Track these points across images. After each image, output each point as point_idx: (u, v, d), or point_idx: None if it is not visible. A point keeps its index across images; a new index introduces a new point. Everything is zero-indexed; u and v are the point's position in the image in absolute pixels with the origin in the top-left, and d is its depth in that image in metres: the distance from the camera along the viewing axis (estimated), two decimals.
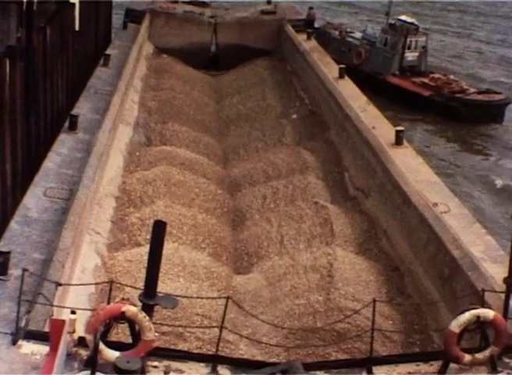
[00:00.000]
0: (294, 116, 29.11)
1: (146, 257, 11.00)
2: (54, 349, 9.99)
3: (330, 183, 22.55)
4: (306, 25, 40.06)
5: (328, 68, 31.27)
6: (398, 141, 21.76)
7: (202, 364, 11.28)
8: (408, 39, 38.73)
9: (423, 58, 39.47)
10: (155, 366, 10.90)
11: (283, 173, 22.71)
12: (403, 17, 40.54)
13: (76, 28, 25.52)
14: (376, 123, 23.67)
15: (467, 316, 11.26)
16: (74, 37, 25.49)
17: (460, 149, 33.58)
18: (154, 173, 21.03)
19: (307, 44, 35.92)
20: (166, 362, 10.98)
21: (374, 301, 11.98)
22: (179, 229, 18.20)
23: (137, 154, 23.14)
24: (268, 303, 15.63)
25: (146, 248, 11.08)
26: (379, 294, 15.89)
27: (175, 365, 11.05)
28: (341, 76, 29.82)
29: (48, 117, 21.61)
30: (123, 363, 8.33)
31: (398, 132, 22.01)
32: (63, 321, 10.26)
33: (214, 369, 11.16)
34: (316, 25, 43.46)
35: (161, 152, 23.18)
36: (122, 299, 10.89)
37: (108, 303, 10.95)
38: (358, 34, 43.02)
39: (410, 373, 11.63)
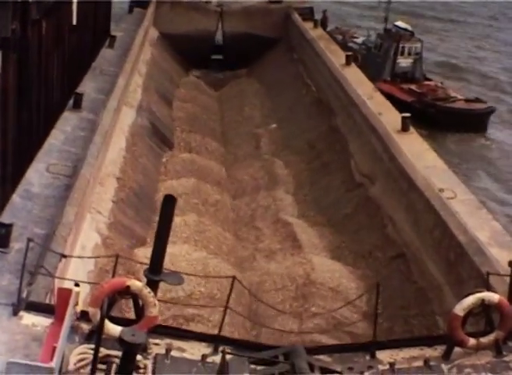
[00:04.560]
0: (274, 126, 29.04)
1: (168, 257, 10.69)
2: (59, 319, 9.68)
3: (300, 198, 22.35)
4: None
5: (335, 55, 31.18)
6: (404, 128, 21.63)
7: (204, 344, 11.07)
8: (401, 45, 38.29)
9: (417, 64, 38.87)
10: (157, 344, 10.70)
11: (248, 191, 22.68)
12: (398, 23, 40.23)
13: (74, 22, 25.27)
14: (382, 110, 23.55)
15: (471, 299, 11.09)
16: (71, 31, 25.22)
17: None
18: (183, 185, 21.22)
19: (314, 32, 35.81)
20: (168, 341, 10.78)
21: (377, 285, 11.78)
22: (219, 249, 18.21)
23: (164, 160, 23.29)
24: None
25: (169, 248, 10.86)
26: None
27: (176, 343, 10.84)
28: (348, 64, 29.77)
29: (41, 110, 21.33)
30: (128, 336, 8.16)
31: (404, 118, 21.88)
32: (70, 290, 9.97)
33: (215, 350, 10.94)
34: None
35: (189, 162, 23.42)
36: (128, 273, 10.74)
37: (113, 277, 10.81)
38: (361, 39, 42.76)
39: (414, 357, 11.39)
